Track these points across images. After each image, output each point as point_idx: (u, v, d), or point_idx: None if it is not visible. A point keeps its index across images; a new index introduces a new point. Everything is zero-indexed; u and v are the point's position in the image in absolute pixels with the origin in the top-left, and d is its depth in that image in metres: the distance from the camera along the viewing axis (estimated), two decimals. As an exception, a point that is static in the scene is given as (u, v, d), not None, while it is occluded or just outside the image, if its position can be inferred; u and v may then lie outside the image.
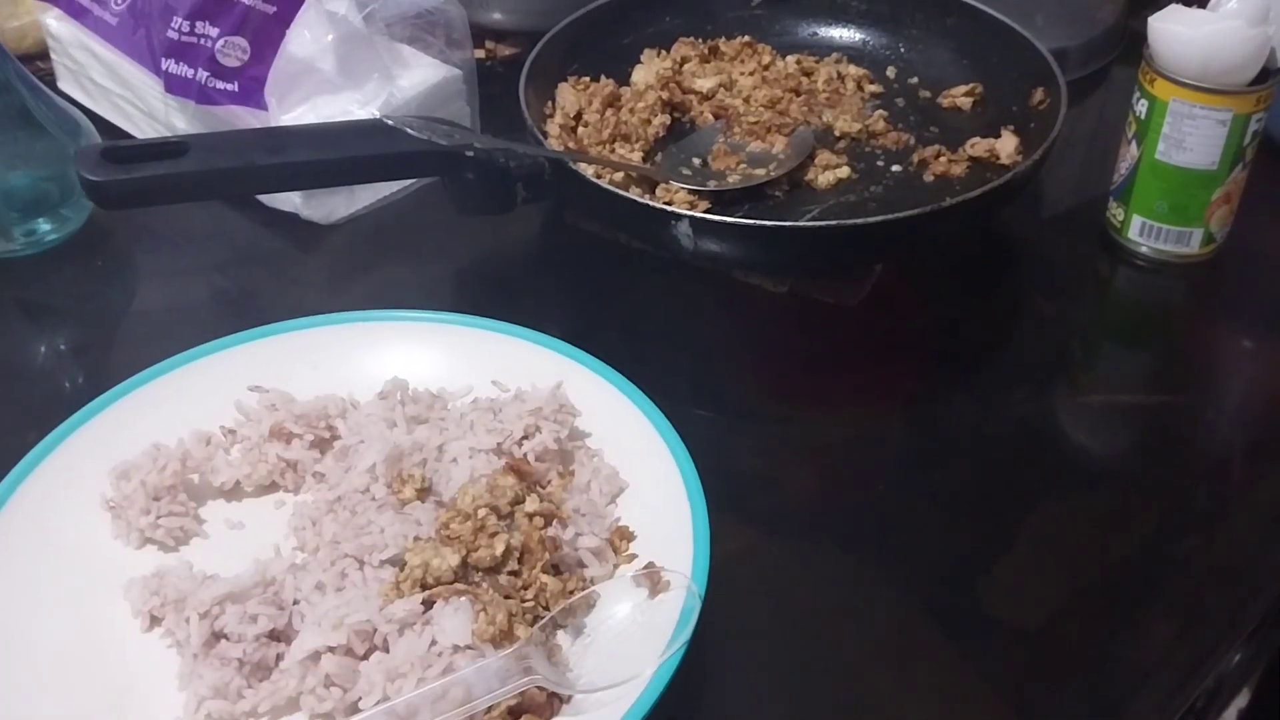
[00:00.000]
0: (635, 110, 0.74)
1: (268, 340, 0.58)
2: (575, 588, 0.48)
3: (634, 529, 0.51)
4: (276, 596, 0.48)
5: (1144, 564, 0.55)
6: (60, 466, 0.52)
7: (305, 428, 0.54)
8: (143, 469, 0.52)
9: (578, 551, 0.49)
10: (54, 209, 0.70)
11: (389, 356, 0.58)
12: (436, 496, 0.51)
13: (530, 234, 0.73)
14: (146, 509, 0.51)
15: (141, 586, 0.48)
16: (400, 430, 0.54)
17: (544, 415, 0.54)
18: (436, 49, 0.76)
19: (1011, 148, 0.72)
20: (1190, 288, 0.71)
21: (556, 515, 0.50)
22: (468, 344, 0.58)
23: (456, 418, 0.55)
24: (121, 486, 0.52)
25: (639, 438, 0.53)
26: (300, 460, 0.54)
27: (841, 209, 0.70)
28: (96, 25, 0.77)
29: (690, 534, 0.48)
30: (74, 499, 0.52)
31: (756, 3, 0.84)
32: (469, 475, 0.52)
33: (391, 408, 0.55)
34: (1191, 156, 0.67)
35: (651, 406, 0.54)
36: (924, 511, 0.57)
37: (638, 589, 0.48)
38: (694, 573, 0.47)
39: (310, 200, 0.71)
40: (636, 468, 0.53)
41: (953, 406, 0.64)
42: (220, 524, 0.53)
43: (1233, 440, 0.63)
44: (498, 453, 0.53)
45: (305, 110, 0.71)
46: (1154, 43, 0.66)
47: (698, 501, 0.49)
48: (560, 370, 0.56)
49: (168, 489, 0.52)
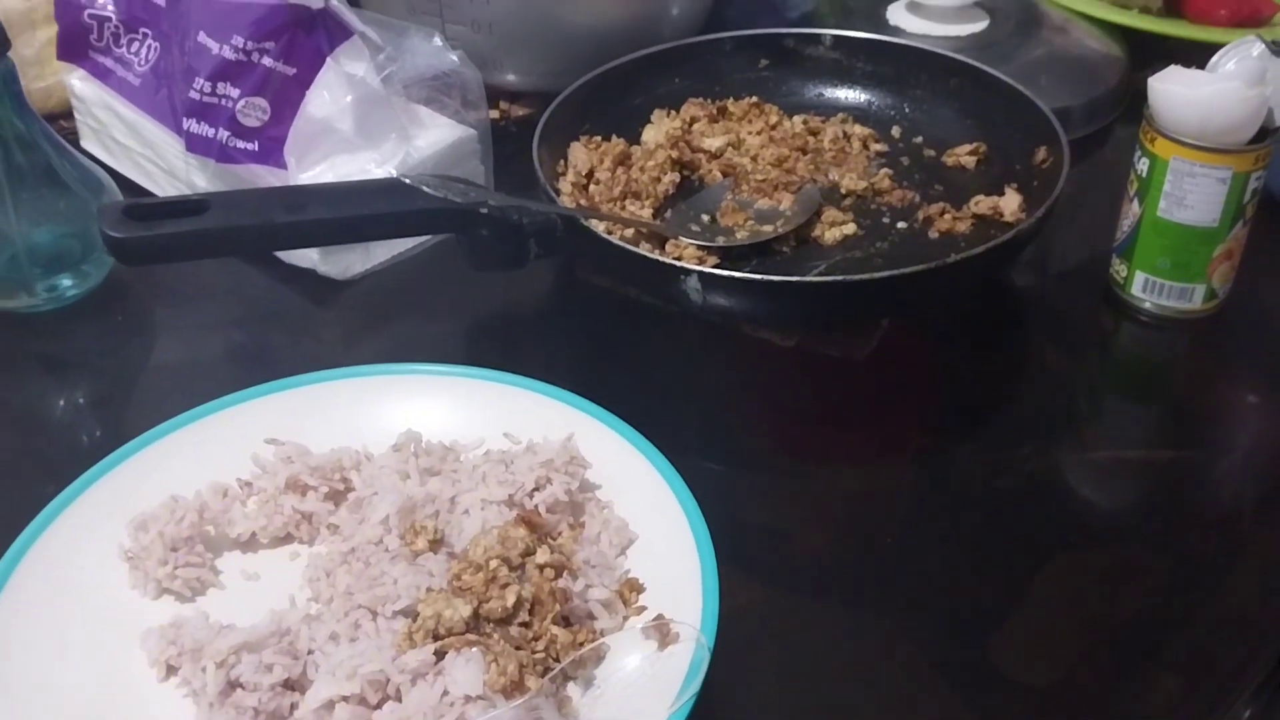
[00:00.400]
0: (645, 168, 0.76)
1: (284, 394, 0.59)
2: (585, 639, 0.48)
3: (644, 581, 0.51)
4: (291, 646, 0.48)
5: (1152, 617, 0.55)
6: (79, 518, 0.53)
7: (320, 480, 0.55)
8: (160, 520, 0.53)
9: (588, 603, 0.50)
10: (76, 265, 0.72)
11: (403, 409, 0.59)
12: (449, 548, 0.52)
13: (543, 289, 0.75)
14: (164, 560, 0.52)
15: (159, 636, 0.49)
16: (413, 482, 0.55)
17: (555, 467, 0.54)
18: (452, 110, 0.77)
19: (1015, 205, 0.73)
20: (1194, 343, 0.72)
21: (567, 567, 0.51)
22: (480, 397, 0.59)
23: (469, 470, 0.56)
24: (139, 537, 0.53)
25: (649, 490, 0.54)
26: (315, 512, 0.55)
27: (848, 265, 0.71)
28: (120, 86, 0.79)
29: (699, 586, 0.49)
30: (93, 550, 0.52)
31: (763, 65, 0.86)
32: (481, 527, 0.52)
33: (405, 460, 0.56)
34: (1192, 214, 0.68)
35: (661, 459, 0.54)
36: (932, 565, 0.58)
37: (647, 641, 0.48)
38: (703, 625, 0.47)
39: (327, 256, 0.73)
40: (646, 520, 0.53)
41: (960, 460, 0.65)
42: (236, 575, 0.54)
43: (1238, 494, 0.64)
44: (509, 504, 0.53)
45: (324, 169, 0.72)
46: (1154, 103, 0.68)
47: (707, 554, 0.50)
48: (571, 423, 0.57)
49: (185, 540, 0.53)
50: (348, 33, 0.72)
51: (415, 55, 0.75)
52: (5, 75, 0.66)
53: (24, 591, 0.50)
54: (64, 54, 0.81)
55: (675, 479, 0.53)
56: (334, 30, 0.72)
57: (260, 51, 0.72)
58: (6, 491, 0.61)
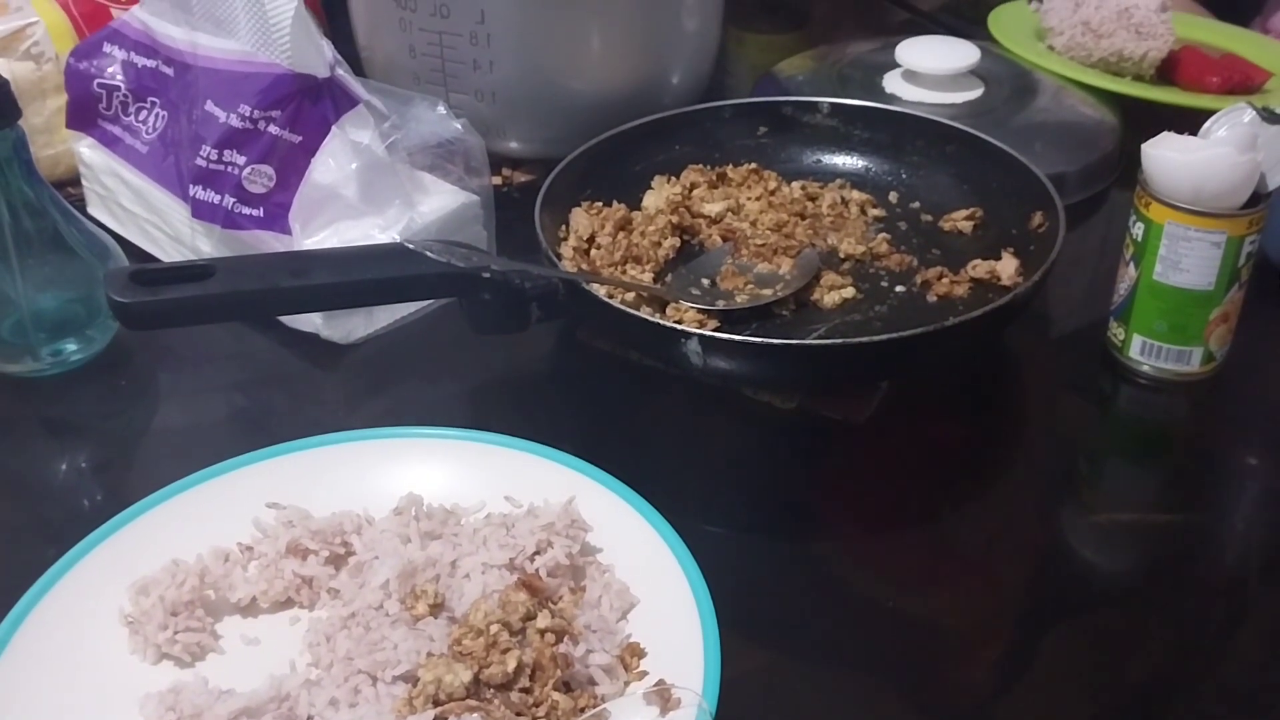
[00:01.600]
0: (646, 233, 0.77)
1: (285, 457, 0.60)
2: (586, 705, 0.48)
3: (645, 645, 0.51)
4: (291, 712, 0.48)
5: (1155, 684, 0.55)
6: (80, 582, 0.53)
7: (321, 544, 0.55)
8: (161, 584, 0.53)
9: (589, 668, 0.50)
10: (81, 330, 0.72)
11: (404, 473, 0.59)
12: (449, 612, 0.52)
13: (544, 352, 0.75)
14: (164, 624, 0.52)
15: (157, 702, 0.49)
16: (414, 546, 0.55)
17: (556, 530, 0.54)
18: (455, 176, 0.78)
19: (1012, 269, 0.74)
20: (1193, 406, 0.72)
21: (568, 631, 0.50)
22: (482, 459, 0.59)
23: (470, 533, 0.56)
24: (140, 601, 0.52)
25: (650, 554, 0.54)
26: (315, 576, 0.55)
27: (847, 328, 0.71)
28: (127, 153, 0.80)
29: (701, 651, 0.48)
30: (93, 614, 0.52)
31: (762, 131, 0.87)
32: (481, 591, 0.52)
33: (406, 524, 0.56)
34: (1188, 277, 0.68)
35: (663, 522, 0.54)
36: (934, 630, 0.57)
37: (649, 707, 0.47)
38: (705, 690, 0.47)
39: (330, 321, 0.73)
40: (648, 584, 0.53)
41: (960, 524, 0.65)
42: (236, 639, 0.53)
43: (1240, 558, 0.63)
44: (510, 568, 0.53)
45: (328, 235, 0.73)
46: (1148, 168, 0.68)
47: (708, 618, 0.50)
48: (573, 485, 0.57)
49: (185, 604, 0.53)
50: (353, 101, 0.73)
51: (419, 123, 0.76)
52: (15, 143, 0.67)
53: (24, 655, 0.50)
54: (73, 122, 0.82)
55: (677, 543, 0.53)
56: (340, 99, 0.73)
57: (267, 120, 0.73)
58: (7, 555, 0.61)
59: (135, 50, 0.80)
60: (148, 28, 0.79)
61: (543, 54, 0.85)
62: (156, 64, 0.79)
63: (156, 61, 0.79)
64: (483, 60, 0.84)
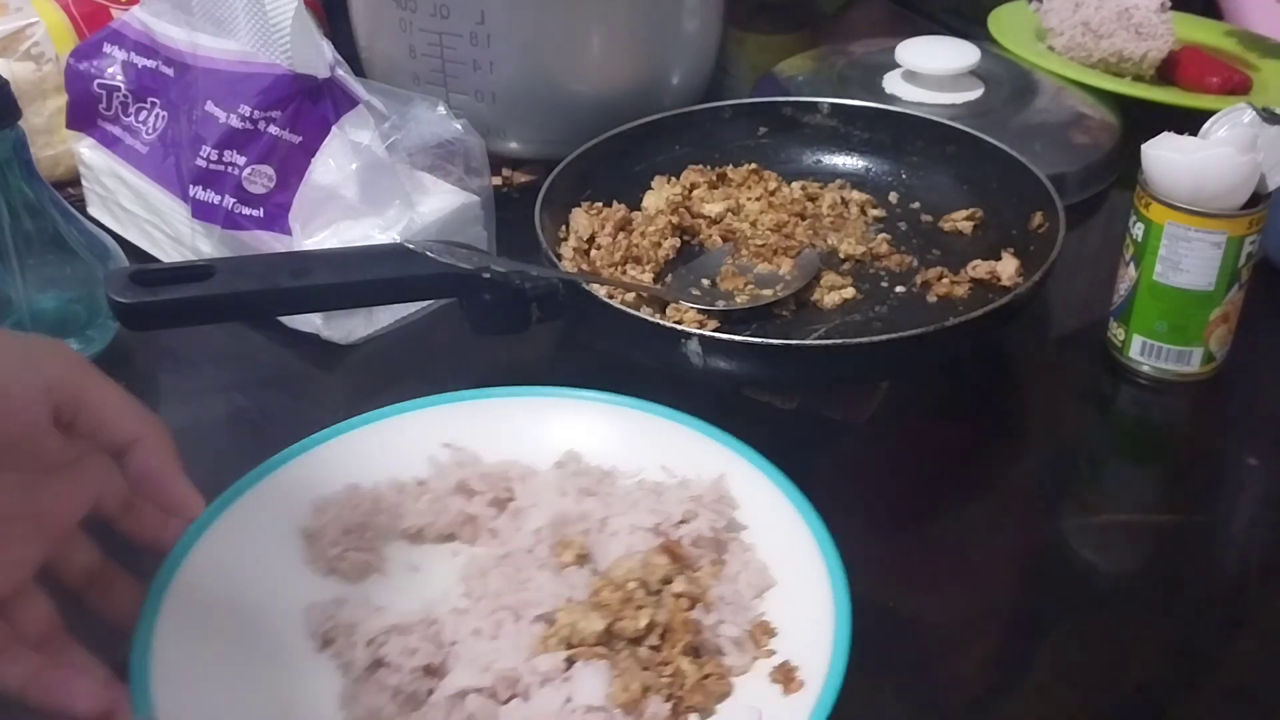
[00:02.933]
0: (646, 234, 0.77)
1: (462, 404, 0.63)
2: (711, 672, 0.50)
3: (776, 626, 0.53)
4: (437, 635, 0.51)
5: (1155, 684, 0.55)
6: (266, 496, 0.57)
7: (487, 486, 0.58)
8: (339, 504, 0.57)
9: (718, 638, 0.52)
10: (80, 330, 0.72)
11: (568, 431, 0.62)
12: (593, 564, 0.55)
13: (544, 353, 0.75)
14: (336, 541, 0.56)
15: (321, 610, 0.53)
16: (570, 499, 0.58)
17: (703, 503, 0.56)
18: (455, 176, 0.78)
19: (1012, 270, 0.74)
20: (1193, 406, 0.72)
21: (701, 600, 0.53)
22: (643, 428, 0.61)
23: (622, 495, 0.58)
24: (318, 517, 0.57)
25: (794, 539, 0.55)
26: (478, 515, 0.58)
27: (847, 328, 0.72)
28: (127, 154, 0.80)
29: (831, 640, 0.49)
30: (276, 526, 0.56)
31: (762, 132, 0.87)
32: (625, 549, 0.54)
33: (565, 478, 0.59)
34: (1188, 278, 0.68)
35: (811, 511, 0.55)
36: (932, 630, 0.58)
37: (772, 685, 0.50)
38: (829, 678, 0.48)
39: (330, 321, 0.73)
40: (787, 567, 0.55)
41: (959, 524, 0.65)
42: (400, 564, 0.57)
43: (1241, 559, 0.63)
44: (655, 532, 0.55)
45: (328, 235, 0.73)
46: (1148, 168, 0.69)
47: (843, 609, 0.50)
48: (727, 464, 0.59)
49: (358, 526, 0.56)
50: (353, 102, 0.74)
51: (419, 123, 0.76)
52: (15, 143, 0.67)
53: (208, 557, 0.53)
54: (73, 123, 0.82)
55: (822, 534, 0.54)
56: (340, 99, 0.73)
57: (267, 120, 0.73)
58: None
59: (135, 50, 0.80)
60: (148, 28, 0.79)
61: (542, 54, 0.85)
62: (156, 64, 0.79)
63: (156, 62, 0.79)
64: (483, 60, 0.84)
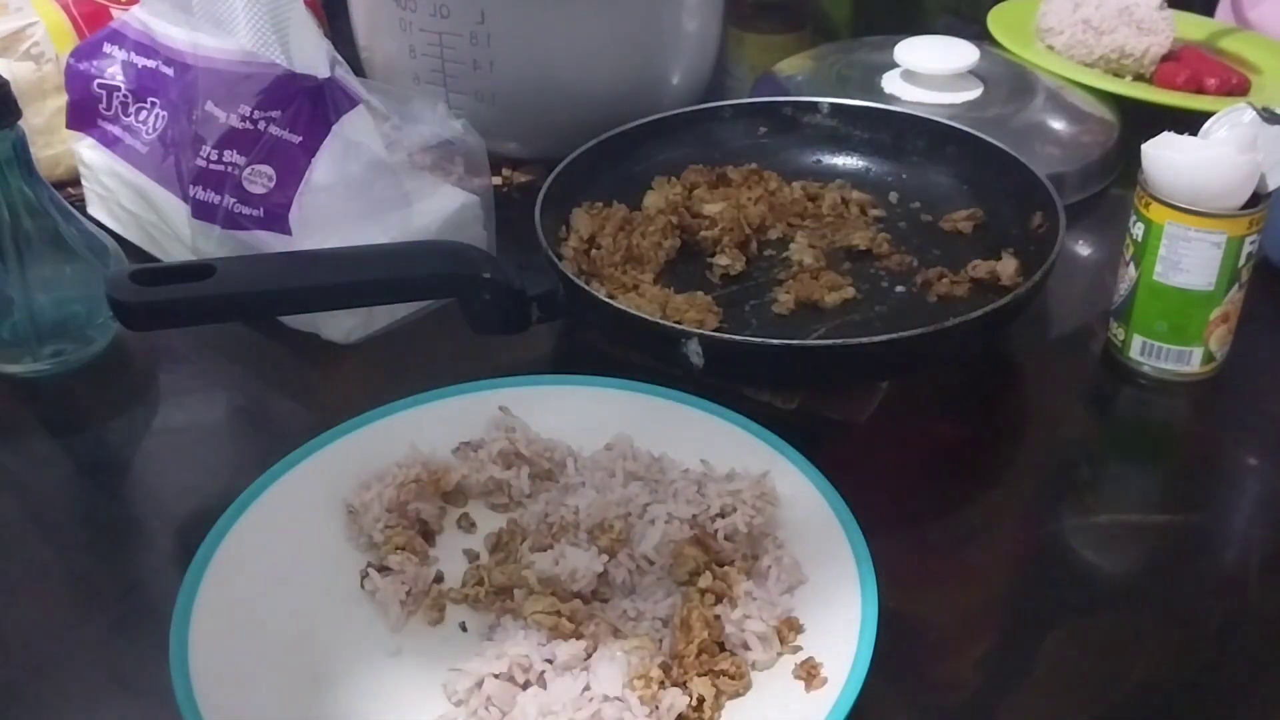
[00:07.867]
0: (647, 234, 0.77)
1: (515, 390, 0.64)
2: (734, 666, 0.51)
3: (804, 622, 0.53)
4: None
5: (1155, 684, 0.55)
6: (312, 473, 0.59)
7: (534, 454, 0.60)
8: (383, 481, 0.59)
9: (744, 633, 0.52)
10: (80, 330, 0.72)
11: (617, 421, 0.63)
12: (628, 549, 0.56)
13: (544, 352, 0.75)
14: (378, 518, 0.57)
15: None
16: (617, 481, 0.59)
17: (743, 499, 0.57)
18: (455, 176, 0.78)
19: (1012, 270, 0.74)
20: (1193, 406, 0.72)
21: (728, 595, 0.53)
22: (686, 418, 0.62)
23: (666, 483, 0.59)
24: (362, 494, 0.58)
25: (827, 539, 0.56)
26: (517, 485, 0.60)
27: (847, 328, 0.72)
28: (127, 153, 0.80)
29: (856, 639, 0.50)
30: (322, 501, 0.59)
31: (762, 132, 0.87)
32: (661, 537, 0.56)
33: (614, 459, 0.60)
34: (1188, 278, 0.68)
35: (846, 512, 0.56)
36: (932, 631, 0.58)
37: (795, 681, 0.50)
38: (851, 676, 0.48)
39: (330, 320, 0.73)
40: (819, 565, 0.55)
41: (960, 524, 0.65)
42: (450, 525, 0.60)
43: (1241, 558, 0.63)
44: (692, 524, 0.56)
45: (328, 234, 0.73)
46: (1148, 168, 0.69)
47: (870, 609, 0.51)
48: (770, 462, 0.59)
49: (399, 504, 0.58)
50: (353, 102, 0.73)
51: (419, 124, 0.76)
52: (15, 143, 0.67)
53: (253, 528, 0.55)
54: (73, 123, 0.82)
55: (856, 534, 0.55)
56: (339, 99, 0.73)
57: (267, 120, 0.73)
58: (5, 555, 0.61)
59: (135, 50, 0.80)
60: (148, 28, 0.79)
61: (543, 54, 0.85)
62: (156, 64, 0.79)
63: (156, 62, 0.79)
64: (483, 60, 0.84)
